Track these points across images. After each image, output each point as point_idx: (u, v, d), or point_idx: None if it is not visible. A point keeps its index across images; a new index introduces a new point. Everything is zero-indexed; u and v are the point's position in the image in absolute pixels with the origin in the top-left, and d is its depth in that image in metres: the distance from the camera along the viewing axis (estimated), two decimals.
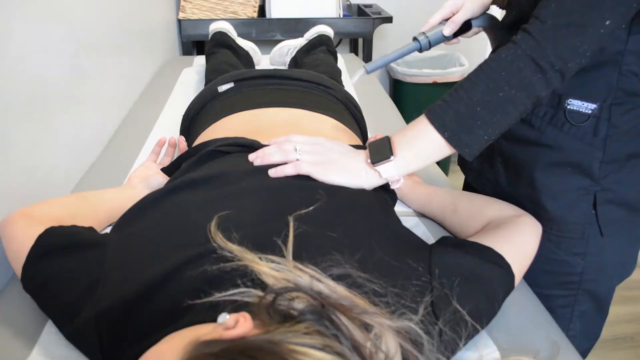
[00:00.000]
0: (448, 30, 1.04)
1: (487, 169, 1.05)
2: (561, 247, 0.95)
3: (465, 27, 1.06)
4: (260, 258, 0.57)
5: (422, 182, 1.11)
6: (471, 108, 0.82)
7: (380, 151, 0.88)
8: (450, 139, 0.83)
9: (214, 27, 2.10)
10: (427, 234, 1.01)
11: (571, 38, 0.77)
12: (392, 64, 2.86)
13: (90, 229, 0.83)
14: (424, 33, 1.06)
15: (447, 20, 1.05)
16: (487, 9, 1.07)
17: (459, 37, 1.08)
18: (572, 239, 0.94)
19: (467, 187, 1.19)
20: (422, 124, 0.86)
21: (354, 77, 1.04)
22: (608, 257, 0.96)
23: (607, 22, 0.76)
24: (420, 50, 1.07)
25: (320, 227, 0.70)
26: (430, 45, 1.06)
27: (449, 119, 0.83)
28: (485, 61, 0.84)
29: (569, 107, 0.90)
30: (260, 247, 0.61)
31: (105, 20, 1.56)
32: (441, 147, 0.85)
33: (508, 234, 0.84)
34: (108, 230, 0.97)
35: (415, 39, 1.06)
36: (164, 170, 1.04)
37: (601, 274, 0.98)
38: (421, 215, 1.07)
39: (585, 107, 0.89)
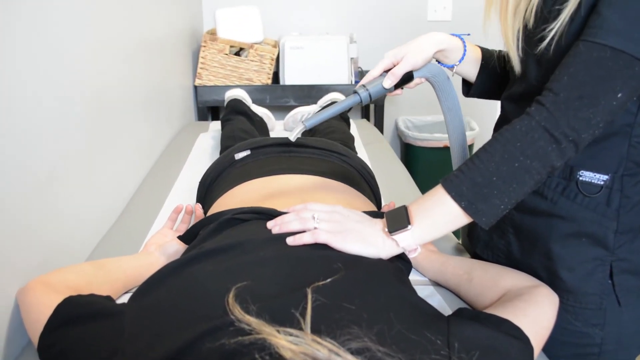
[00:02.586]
0: (388, 82, 1.04)
1: (497, 239, 1.05)
2: (579, 318, 0.94)
3: (407, 78, 1.05)
4: (278, 331, 0.57)
5: (436, 251, 1.11)
6: (487, 178, 0.83)
7: (398, 220, 0.89)
8: (467, 208, 0.84)
9: (229, 95, 2.16)
10: (442, 303, 1.00)
11: (584, 110, 0.79)
12: (403, 129, 2.90)
13: (108, 298, 0.84)
14: (364, 86, 1.04)
15: (388, 71, 1.05)
16: (429, 61, 1.07)
17: (401, 88, 1.07)
18: (590, 309, 0.93)
19: (475, 257, 1.19)
20: (439, 193, 0.87)
21: (293, 132, 1.01)
22: (627, 327, 0.95)
23: (619, 95, 0.78)
24: (361, 103, 1.04)
25: (338, 299, 0.70)
26: (371, 98, 1.04)
27: (466, 188, 0.84)
28: (500, 132, 0.86)
29: (581, 178, 0.91)
30: (278, 319, 0.61)
31: (124, 86, 1.60)
32: (458, 217, 0.86)
33: (525, 305, 0.84)
34: (125, 297, 0.98)
35: (355, 92, 1.04)
36: (180, 238, 1.05)
37: (621, 345, 0.96)
38: (436, 284, 1.07)
39: (597, 178, 0.90)
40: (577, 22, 0.83)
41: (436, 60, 1.12)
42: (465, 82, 1.19)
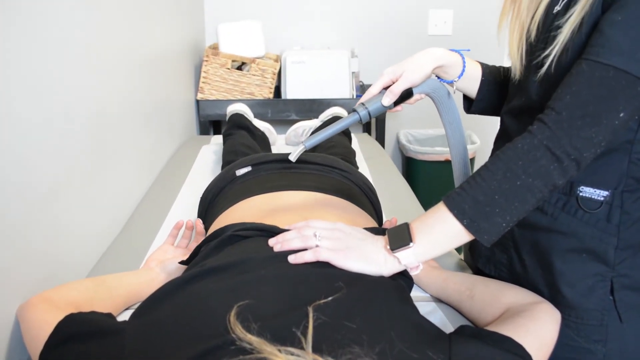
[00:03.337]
0: (387, 100, 1.04)
1: (499, 254, 1.05)
2: (581, 334, 0.94)
3: (406, 95, 1.05)
4: (279, 350, 0.57)
5: (438, 267, 1.11)
6: (489, 196, 0.83)
7: (400, 238, 0.89)
8: (469, 226, 0.84)
9: (231, 109, 2.18)
10: (444, 319, 1.00)
11: (586, 129, 0.79)
12: (405, 143, 2.90)
13: (109, 315, 0.84)
14: (363, 104, 1.04)
15: (388, 88, 1.04)
16: (428, 77, 1.07)
17: (402, 105, 1.07)
18: (592, 325, 0.93)
19: (477, 272, 1.19)
20: (441, 211, 0.87)
21: (293, 153, 1.02)
22: (629, 343, 0.94)
23: (622, 115, 0.79)
24: (361, 121, 1.04)
25: (339, 318, 0.70)
26: (370, 116, 1.04)
27: (468, 206, 0.84)
28: (502, 150, 0.86)
29: (581, 194, 0.91)
30: (279, 338, 0.61)
31: (126, 100, 1.60)
32: (460, 234, 0.86)
33: (527, 322, 0.83)
34: (126, 314, 0.98)
35: (354, 110, 1.04)
36: (182, 263, 1.04)
37: None
38: (438, 300, 1.06)
39: (597, 194, 0.91)
40: (579, 39, 0.84)
41: (436, 76, 1.12)
42: (467, 98, 1.19)
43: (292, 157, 1.02)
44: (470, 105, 1.18)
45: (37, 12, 1.05)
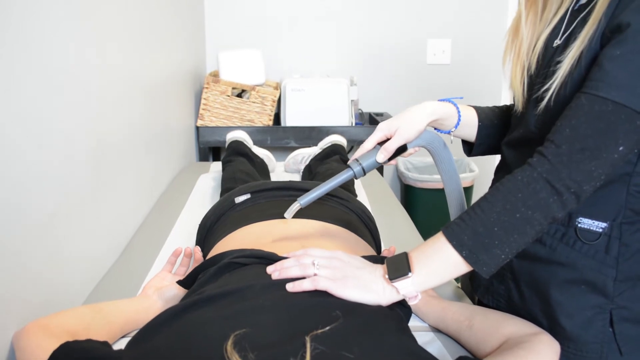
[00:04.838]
0: (381, 157, 1.05)
1: (497, 284, 1.05)
2: None
3: (400, 150, 1.05)
4: None
5: (437, 296, 1.11)
6: (489, 228, 0.84)
7: (398, 267, 0.89)
8: (468, 257, 0.84)
9: (231, 136, 2.19)
10: (442, 350, 1.00)
11: (586, 162, 0.80)
12: (403, 170, 2.91)
13: (105, 343, 0.83)
14: (357, 160, 1.05)
15: (382, 143, 1.05)
16: (422, 132, 1.07)
17: (396, 158, 1.08)
18: (591, 358, 0.92)
19: (476, 302, 1.18)
20: (440, 241, 0.88)
21: (289, 211, 1.06)
22: None
23: (620, 148, 0.79)
24: (355, 177, 1.06)
25: (337, 348, 0.70)
26: (364, 172, 1.05)
27: (467, 238, 0.85)
28: (502, 182, 0.86)
29: (579, 225, 0.92)
30: None
31: (127, 126, 1.61)
32: (459, 265, 0.86)
33: (526, 354, 0.83)
34: (122, 342, 0.97)
35: (349, 166, 1.05)
36: (179, 283, 1.05)
37: None
38: (436, 330, 1.06)
39: (595, 225, 0.91)
40: (578, 73, 0.85)
41: (433, 127, 1.13)
42: (466, 143, 1.20)
43: (287, 215, 1.06)
44: (471, 149, 1.19)
45: (38, 39, 1.06)
